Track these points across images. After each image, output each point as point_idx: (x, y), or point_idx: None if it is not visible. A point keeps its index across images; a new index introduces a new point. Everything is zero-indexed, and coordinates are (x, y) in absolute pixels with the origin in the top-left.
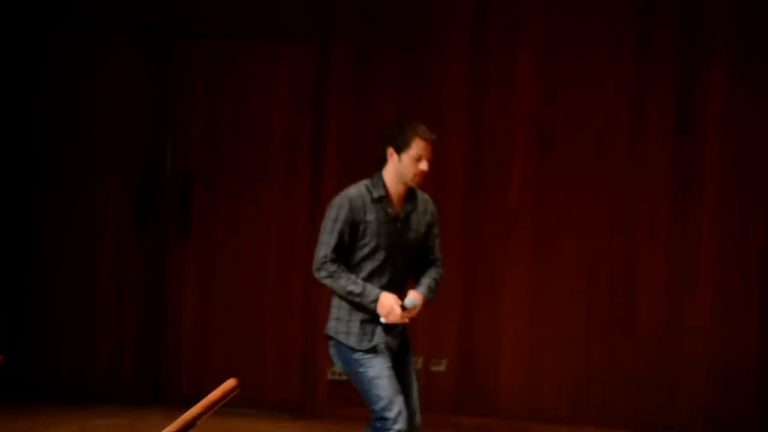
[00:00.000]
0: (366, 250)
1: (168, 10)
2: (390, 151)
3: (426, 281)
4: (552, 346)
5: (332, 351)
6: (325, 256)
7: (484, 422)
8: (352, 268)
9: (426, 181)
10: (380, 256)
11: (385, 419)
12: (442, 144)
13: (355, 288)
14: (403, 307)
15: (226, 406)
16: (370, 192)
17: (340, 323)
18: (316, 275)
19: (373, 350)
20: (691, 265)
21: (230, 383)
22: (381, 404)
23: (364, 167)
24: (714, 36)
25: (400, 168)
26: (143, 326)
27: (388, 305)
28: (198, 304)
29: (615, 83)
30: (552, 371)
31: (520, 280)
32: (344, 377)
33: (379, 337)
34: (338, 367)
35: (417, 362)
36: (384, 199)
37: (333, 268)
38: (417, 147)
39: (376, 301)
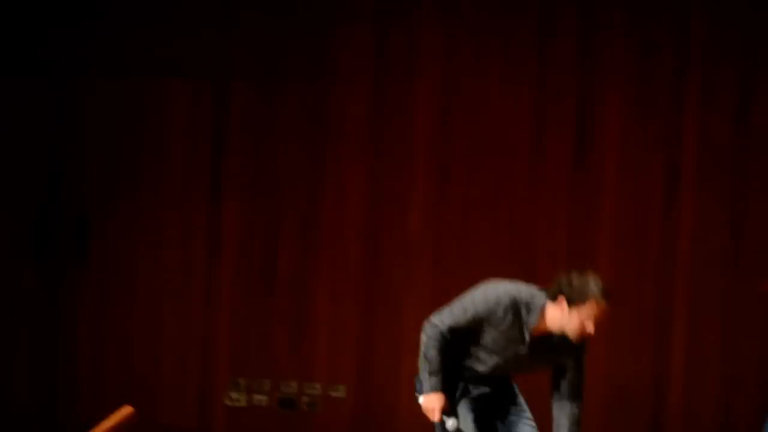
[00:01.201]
0: (478, 346)
1: (64, 49)
2: (561, 299)
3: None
4: None
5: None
6: (447, 327)
7: None
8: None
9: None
10: (491, 360)
11: None
12: (342, 172)
13: (432, 366)
14: (443, 422)
15: None
16: (522, 312)
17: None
18: (427, 325)
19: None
20: None
21: (126, 410)
22: None
23: (263, 198)
24: (611, 66)
25: (566, 320)
26: (38, 355)
27: (431, 407)
28: (94, 333)
29: (514, 112)
30: None
31: (419, 307)
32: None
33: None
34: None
35: (315, 388)
36: (529, 326)
37: (441, 339)
38: (591, 308)
39: (429, 391)
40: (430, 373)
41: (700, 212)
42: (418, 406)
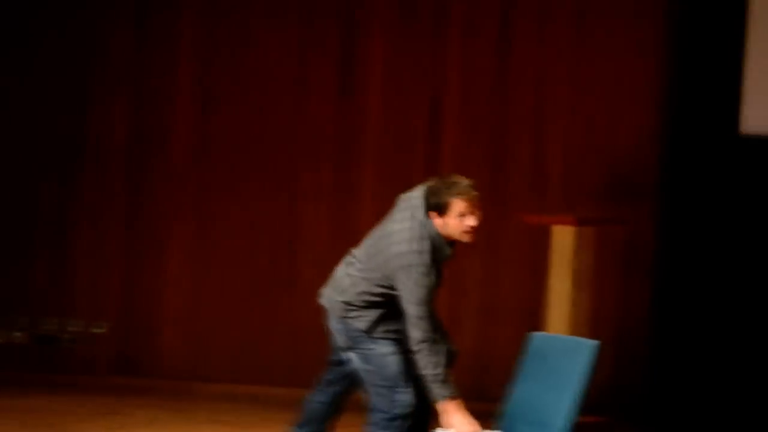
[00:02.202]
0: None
1: None
2: (433, 214)
3: None
4: (214, 307)
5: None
6: (429, 329)
7: (145, 383)
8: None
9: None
10: None
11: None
12: (106, 104)
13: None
14: None
15: None
16: (436, 243)
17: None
18: (419, 348)
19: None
20: (353, 230)
21: None
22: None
23: (24, 127)
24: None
25: (449, 229)
26: None
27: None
28: None
29: (279, 45)
30: (214, 331)
31: (182, 241)
32: None
33: None
34: None
35: (76, 324)
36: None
37: (433, 345)
38: (459, 207)
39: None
40: (443, 381)
41: (463, 144)
42: (183, 344)
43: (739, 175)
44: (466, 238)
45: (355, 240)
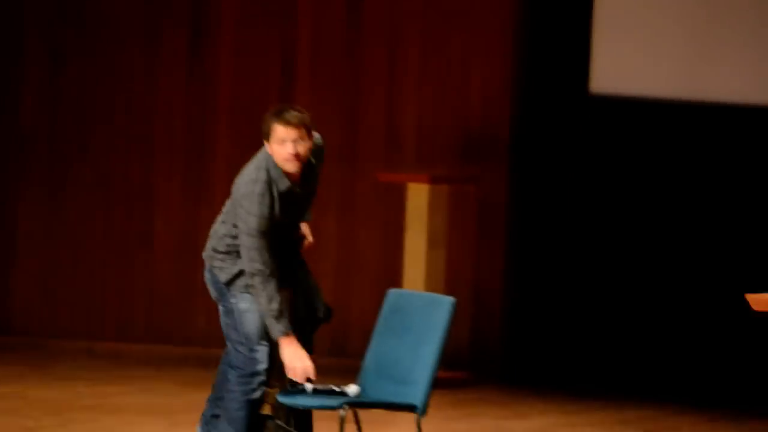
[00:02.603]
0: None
1: None
2: (266, 143)
3: None
4: (68, 264)
5: None
6: (260, 259)
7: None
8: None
9: None
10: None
11: None
12: None
13: (273, 306)
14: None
15: None
16: (271, 174)
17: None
18: (251, 280)
19: None
20: (207, 187)
21: None
22: None
23: None
24: None
25: (276, 157)
26: None
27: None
28: None
29: (128, 4)
30: (67, 288)
31: (35, 196)
32: None
33: None
34: None
35: None
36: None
37: (267, 276)
38: (278, 134)
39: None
40: (277, 317)
41: (316, 102)
42: (38, 301)
43: (589, 133)
44: (288, 167)
45: (208, 201)
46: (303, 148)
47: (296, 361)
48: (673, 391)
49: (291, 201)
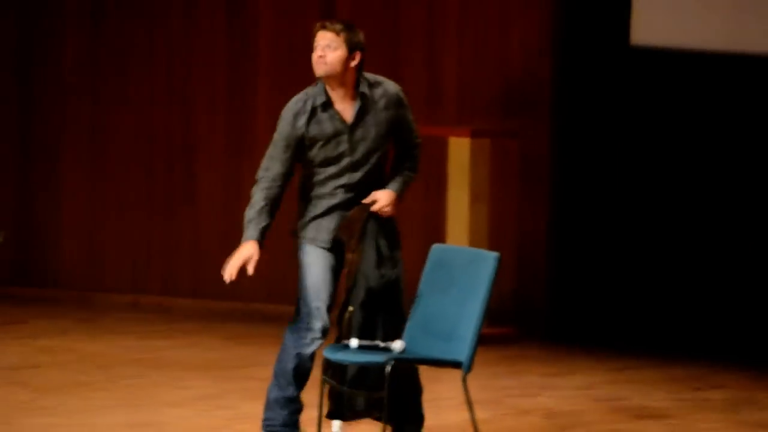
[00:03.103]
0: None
1: None
2: None
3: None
4: (112, 219)
5: None
6: (262, 170)
7: (44, 293)
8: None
9: None
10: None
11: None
12: None
13: (249, 214)
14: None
15: None
16: (311, 100)
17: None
18: None
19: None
20: (249, 140)
21: None
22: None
23: None
24: None
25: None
26: None
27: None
28: None
29: None
30: (113, 243)
31: (78, 152)
32: None
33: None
34: None
35: None
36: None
37: (260, 189)
38: (315, 38)
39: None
40: (246, 222)
41: None
42: (83, 255)
43: (631, 85)
44: (316, 70)
45: (250, 152)
46: (333, 54)
47: (231, 260)
48: (721, 350)
49: (337, 131)
